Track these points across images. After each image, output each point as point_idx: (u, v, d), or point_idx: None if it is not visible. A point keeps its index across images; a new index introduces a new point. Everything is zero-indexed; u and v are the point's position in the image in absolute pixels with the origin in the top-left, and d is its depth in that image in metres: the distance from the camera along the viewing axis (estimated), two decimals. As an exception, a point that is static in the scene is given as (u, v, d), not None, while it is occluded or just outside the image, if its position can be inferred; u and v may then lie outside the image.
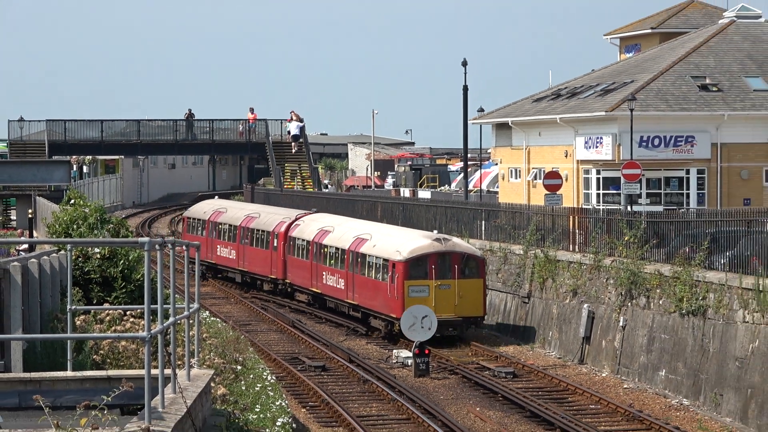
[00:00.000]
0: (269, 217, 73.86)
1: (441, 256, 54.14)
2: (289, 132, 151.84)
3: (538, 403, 53.94)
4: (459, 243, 57.16)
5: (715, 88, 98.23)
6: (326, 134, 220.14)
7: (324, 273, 63.24)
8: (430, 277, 53.19)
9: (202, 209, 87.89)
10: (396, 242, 56.79)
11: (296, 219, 70.87)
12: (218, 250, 78.94)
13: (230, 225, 78.90)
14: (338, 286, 61.40)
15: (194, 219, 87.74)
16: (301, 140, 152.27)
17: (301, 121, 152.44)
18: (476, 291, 55.55)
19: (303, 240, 67.28)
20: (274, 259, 70.60)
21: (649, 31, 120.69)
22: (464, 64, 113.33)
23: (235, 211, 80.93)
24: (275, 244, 70.24)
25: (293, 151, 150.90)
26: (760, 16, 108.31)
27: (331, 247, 62.53)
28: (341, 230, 63.82)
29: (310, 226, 68.15)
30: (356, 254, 59.42)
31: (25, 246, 38.79)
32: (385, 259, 55.20)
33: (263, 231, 72.67)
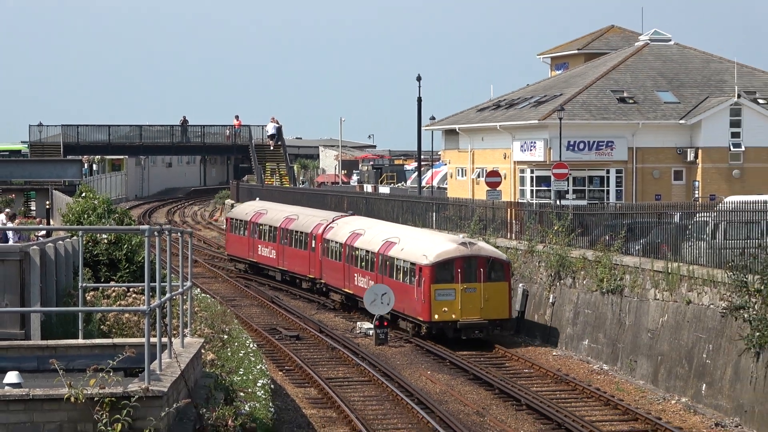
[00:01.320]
0: (307, 219, 70.23)
1: (467, 260, 50.30)
2: (267, 133, 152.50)
3: (480, 368, 53.90)
4: (484, 247, 53.00)
5: (631, 101, 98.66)
6: (301, 138, 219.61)
7: (356, 275, 59.32)
8: (456, 280, 49.39)
9: (244, 210, 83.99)
10: (423, 246, 52.64)
11: (332, 221, 67.22)
12: (259, 249, 75.81)
13: (270, 226, 75.11)
14: (369, 287, 57.25)
15: (237, 220, 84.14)
16: (279, 142, 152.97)
17: (278, 123, 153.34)
18: (502, 294, 51.68)
19: (336, 242, 63.44)
20: (312, 260, 67.04)
21: (576, 51, 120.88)
22: (419, 78, 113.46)
23: (275, 212, 77.24)
24: (313, 246, 66.47)
25: (271, 148, 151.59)
26: (670, 40, 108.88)
27: (361, 249, 58.74)
28: (371, 233, 59.92)
29: (343, 228, 64.32)
30: (385, 257, 55.93)
31: (43, 232, 38.50)
32: (412, 263, 51.71)
33: (302, 232, 69.15)
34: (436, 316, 48.74)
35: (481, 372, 53.66)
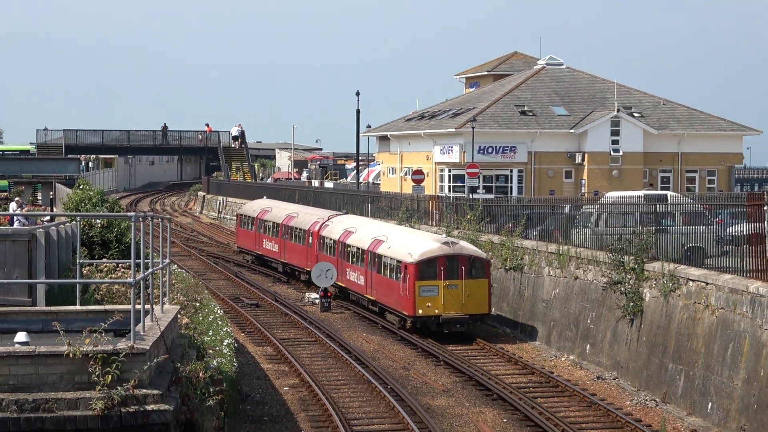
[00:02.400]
0: (306, 216, 67.07)
1: (449, 259, 46.19)
2: (232, 135, 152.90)
3: (405, 332, 54.05)
4: (466, 246, 48.74)
5: (530, 114, 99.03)
6: (260, 141, 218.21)
7: (347, 269, 55.83)
8: (439, 277, 45.60)
9: (252, 208, 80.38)
10: (408, 245, 48.97)
11: (327, 219, 63.58)
12: (264, 243, 72.87)
13: (274, 222, 71.76)
14: (359, 282, 53.81)
15: (245, 216, 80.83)
16: (242, 144, 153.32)
17: (241, 128, 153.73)
18: (482, 290, 47.23)
19: (330, 239, 59.89)
20: (309, 254, 63.65)
21: (486, 73, 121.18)
22: (357, 93, 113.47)
23: (279, 210, 74.02)
24: (310, 241, 63.20)
25: (236, 148, 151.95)
26: (563, 64, 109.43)
27: (353, 246, 54.98)
28: (362, 232, 56.11)
29: (337, 226, 60.63)
30: (374, 254, 51.61)
31: (48, 218, 38.29)
32: (398, 261, 47.58)
33: (301, 229, 65.85)
34: (420, 311, 45.69)
35: (406, 336, 53.80)
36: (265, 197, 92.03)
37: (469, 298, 46.18)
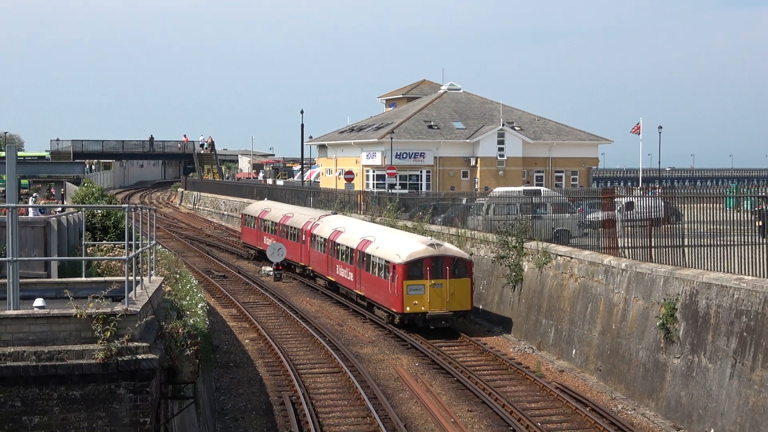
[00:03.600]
0: (300, 216, 62.05)
1: (435, 260, 41.32)
2: (199, 144, 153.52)
3: (339, 297, 53.99)
4: (450, 248, 43.44)
5: (436, 127, 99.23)
6: (226, 149, 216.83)
7: (337, 265, 50.93)
8: (425, 277, 40.98)
9: (254, 209, 74.68)
10: (396, 246, 43.57)
11: (318, 219, 58.26)
12: (264, 240, 67.75)
13: (273, 222, 66.76)
14: (348, 278, 48.67)
15: (249, 216, 75.08)
16: (212, 151, 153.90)
17: (211, 139, 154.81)
18: (464, 289, 42.15)
19: (321, 237, 54.55)
20: (302, 250, 58.97)
21: (401, 96, 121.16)
22: (302, 111, 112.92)
23: (277, 211, 68.85)
24: (303, 239, 58.38)
25: (207, 153, 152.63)
26: (460, 89, 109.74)
27: (342, 245, 49.68)
28: (350, 231, 50.69)
29: (327, 226, 55.19)
30: (362, 253, 46.43)
31: (59, 209, 38.01)
32: (387, 261, 42.49)
33: (296, 228, 60.70)
34: (408, 308, 40.70)
35: (341, 299, 53.83)
36: (266, 199, 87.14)
37: (453, 296, 41.47)
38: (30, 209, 39.94)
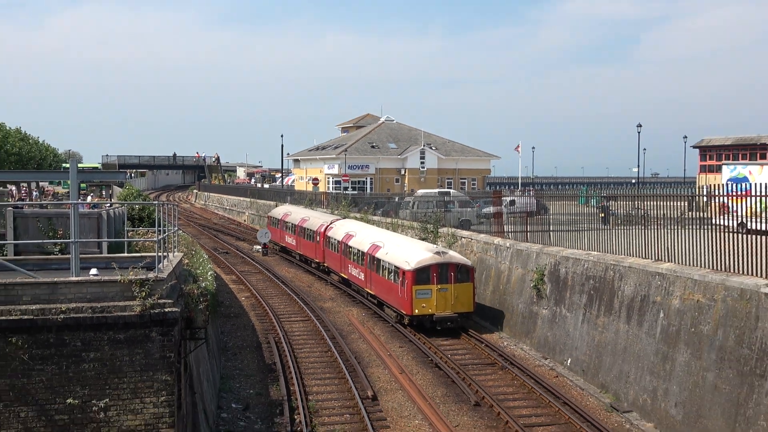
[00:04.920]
0: (315, 220, 54.86)
1: (441, 266, 34.87)
2: (213, 160, 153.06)
3: (310, 267, 53.82)
4: (454, 255, 36.41)
5: (376, 147, 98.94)
6: (228, 162, 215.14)
7: (349, 265, 44.05)
8: (432, 282, 34.68)
9: (278, 212, 67.13)
10: (405, 253, 36.59)
11: (331, 223, 51.51)
12: (286, 238, 61.07)
13: (292, 224, 59.60)
14: (359, 278, 41.92)
15: (273, 217, 67.42)
16: (218, 164, 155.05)
17: (218, 156, 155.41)
18: (467, 292, 35.33)
19: (335, 239, 47.62)
20: (317, 249, 52.07)
21: (352, 125, 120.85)
22: (281, 135, 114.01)
23: (296, 214, 61.45)
24: (318, 239, 51.76)
25: (215, 165, 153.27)
26: (394, 120, 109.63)
27: (354, 248, 42.91)
28: (361, 236, 43.55)
29: (340, 229, 48.51)
30: (373, 257, 39.43)
31: (108, 204, 37.61)
32: (396, 266, 35.92)
33: (311, 230, 53.71)
34: (417, 311, 34.30)
35: (311, 268, 53.64)
36: (286, 204, 78.61)
37: (457, 299, 34.77)
38: (86, 205, 39.54)
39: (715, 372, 21.88)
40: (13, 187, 52.88)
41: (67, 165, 17.14)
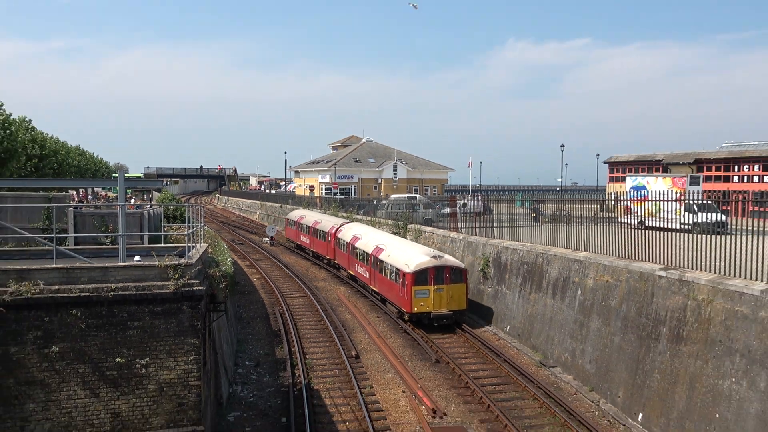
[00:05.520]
0: (326, 223, 50.41)
1: (437, 269, 30.80)
2: (231, 171, 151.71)
3: (306, 254, 53.60)
4: (449, 259, 31.94)
5: (359, 162, 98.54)
6: (243, 172, 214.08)
7: (356, 264, 39.92)
8: (429, 283, 30.66)
9: (295, 215, 61.84)
10: (405, 257, 32.36)
11: (340, 226, 46.44)
12: (301, 237, 56.28)
13: (306, 225, 54.72)
14: (365, 275, 37.92)
15: (290, 219, 62.13)
16: (236, 174, 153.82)
17: (234, 168, 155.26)
18: (461, 292, 31.08)
19: (344, 240, 42.83)
20: (328, 248, 47.44)
21: (340, 144, 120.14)
22: (285, 152, 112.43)
23: (310, 217, 56.54)
24: (329, 239, 47.27)
25: (233, 175, 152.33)
26: (373, 140, 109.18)
27: (360, 249, 38.82)
28: (366, 239, 39.30)
29: (348, 232, 43.41)
30: (376, 258, 35.39)
31: (149, 205, 37.28)
32: (398, 268, 31.90)
33: (323, 231, 49.18)
34: (416, 309, 30.65)
35: (307, 256, 53.37)
36: (301, 208, 71.71)
37: (452, 298, 30.92)
38: (131, 206, 39.25)
39: (620, 336, 22.07)
40: (74, 192, 52.30)
41: (116, 174, 16.95)
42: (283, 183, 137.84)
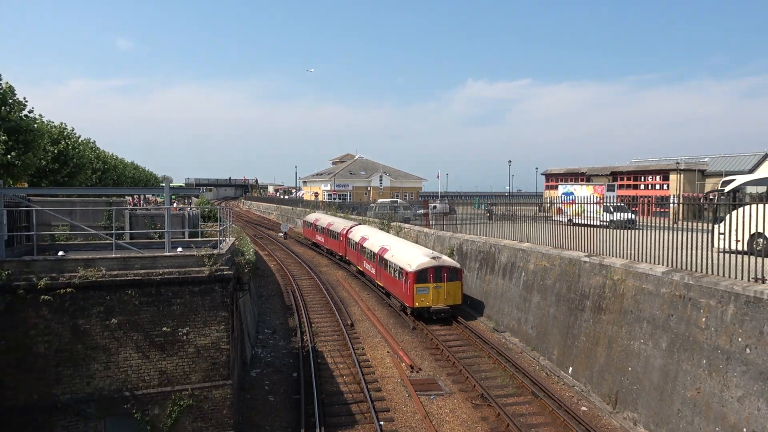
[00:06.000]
0: (338, 224, 46.01)
1: (436, 269, 27.13)
2: (254, 180, 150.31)
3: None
4: (447, 260, 28.03)
5: (352, 174, 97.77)
6: (263, 182, 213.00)
7: (364, 261, 35.82)
8: (429, 281, 27.06)
9: (311, 217, 56.24)
10: (407, 257, 28.69)
11: (350, 227, 42.63)
12: (316, 236, 51.39)
13: (321, 226, 50.12)
14: (372, 272, 33.92)
15: (307, 221, 56.96)
16: (257, 183, 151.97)
17: (256, 179, 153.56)
18: (457, 289, 27.31)
19: (354, 240, 39.07)
20: (340, 246, 42.96)
21: (338, 159, 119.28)
22: (296, 167, 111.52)
23: (324, 220, 51.62)
24: (341, 239, 42.88)
25: (255, 184, 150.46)
26: (364, 156, 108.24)
27: (367, 249, 34.99)
28: (373, 239, 35.61)
29: (357, 233, 39.69)
30: (382, 257, 31.54)
31: (189, 207, 36.91)
32: (401, 267, 28.32)
33: (336, 232, 44.75)
34: (417, 304, 27.03)
35: (320, 251, 52.86)
36: (317, 211, 65.88)
37: (449, 294, 27.18)
38: (174, 208, 38.84)
39: (555, 308, 22.15)
40: (129, 198, 51.77)
41: (163, 184, 16.75)
42: (294, 190, 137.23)
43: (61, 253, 15.50)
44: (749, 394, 13.32)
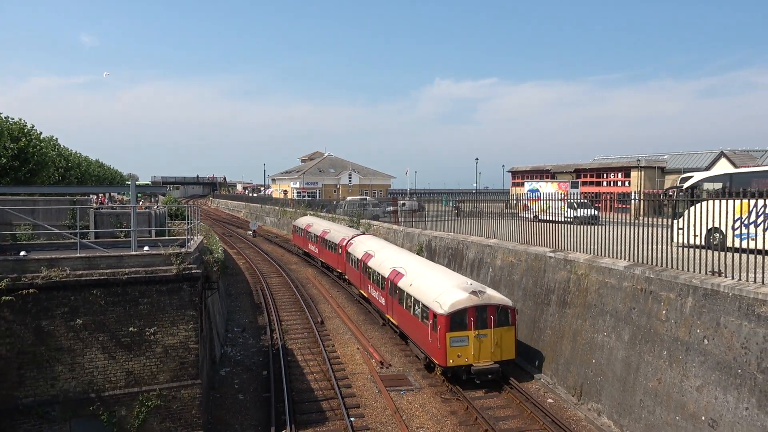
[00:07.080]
0: (335, 234, 36.81)
1: (479, 309, 17.78)
2: (222, 178, 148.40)
3: (288, 247, 52.57)
4: (493, 295, 18.42)
5: (322, 171, 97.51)
6: (231, 179, 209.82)
7: (369, 285, 26.56)
8: (469, 328, 17.63)
9: (302, 222, 48.16)
10: (434, 290, 19.00)
11: (351, 238, 33.31)
12: (309, 245, 42.52)
13: (315, 234, 40.74)
14: (380, 301, 24.70)
15: (297, 227, 48.39)
16: (225, 181, 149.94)
17: (224, 176, 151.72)
18: (509, 337, 18.11)
19: (355, 256, 29.55)
20: (339, 260, 34.14)
21: (307, 157, 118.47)
22: (264, 164, 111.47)
23: (317, 226, 42.28)
24: (340, 252, 33.99)
25: (223, 182, 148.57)
26: (333, 154, 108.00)
27: (374, 270, 25.70)
28: (380, 257, 26.17)
29: (359, 247, 30.09)
30: (394, 285, 22.25)
31: (155, 206, 36.12)
32: (425, 305, 18.82)
33: (333, 242, 35.79)
34: (451, 361, 17.78)
35: (285, 245, 52.48)
36: (307, 215, 55.20)
37: (498, 346, 18.21)
38: (140, 207, 38.02)
39: (522, 302, 22.44)
40: (94, 197, 50.45)
41: (129, 182, 16.39)
42: (262, 188, 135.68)
43: (23, 253, 15.02)
44: (707, 383, 13.50)
